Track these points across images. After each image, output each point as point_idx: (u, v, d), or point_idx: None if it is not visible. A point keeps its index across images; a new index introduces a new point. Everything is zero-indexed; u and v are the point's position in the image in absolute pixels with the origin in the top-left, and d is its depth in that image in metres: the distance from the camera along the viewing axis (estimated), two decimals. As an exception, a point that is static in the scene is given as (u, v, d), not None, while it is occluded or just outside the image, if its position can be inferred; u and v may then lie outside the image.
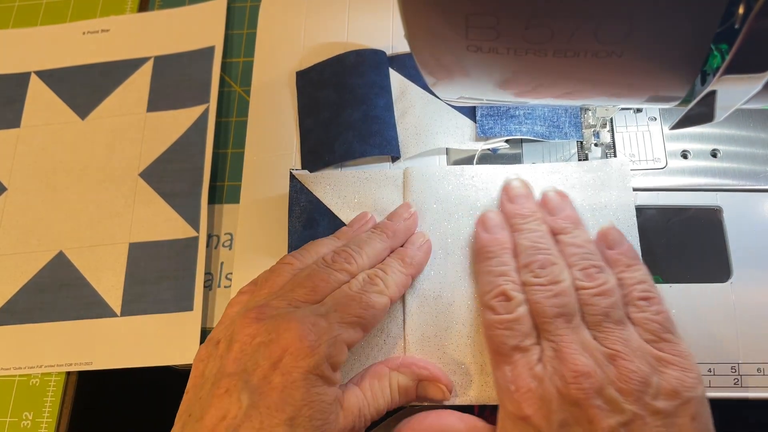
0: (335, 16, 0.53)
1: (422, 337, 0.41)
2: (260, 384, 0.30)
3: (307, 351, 0.31)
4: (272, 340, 0.32)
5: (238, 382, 0.31)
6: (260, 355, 0.31)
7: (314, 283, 0.36)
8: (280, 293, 0.36)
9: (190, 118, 0.55)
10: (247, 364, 0.31)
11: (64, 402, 0.48)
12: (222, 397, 0.31)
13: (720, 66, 0.27)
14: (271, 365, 0.31)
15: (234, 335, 0.33)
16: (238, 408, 0.30)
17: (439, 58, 0.31)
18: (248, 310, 0.34)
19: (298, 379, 0.30)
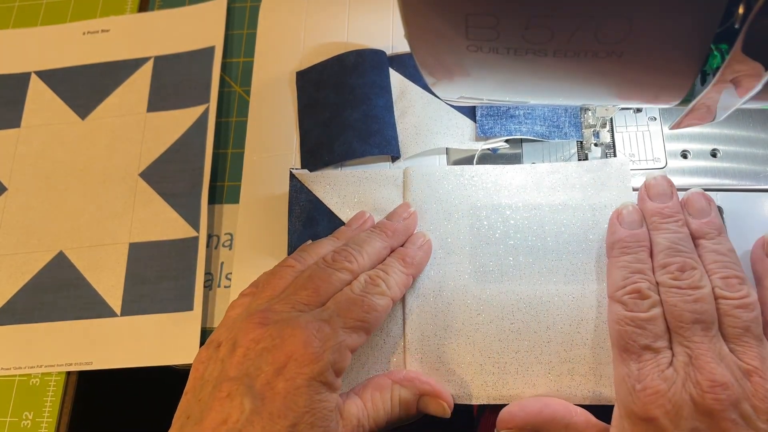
0: (335, 16, 0.53)
1: (422, 336, 0.41)
2: (263, 389, 0.30)
3: (312, 357, 0.31)
4: (276, 346, 0.31)
5: (240, 386, 0.31)
6: (264, 361, 0.31)
7: (316, 285, 0.36)
8: (282, 296, 0.35)
9: (190, 118, 0.55)
10: (249, 369, 0.31)
11: (64, 402, 0.48)
12: (223, 401, 0.31)
13: (720, 66, 0.27)
14: (275, 371, 0.31)
15: (237, 339, 0.33)
16: (240, 412, 0.30)
17: (439, 58, 0.31)
18: (251, 314, 0.34)
19: (302, 386, 0.31)
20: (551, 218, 0.43)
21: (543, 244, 0.42)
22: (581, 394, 0.39)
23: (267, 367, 0.31)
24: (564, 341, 0.40)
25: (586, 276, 0.41)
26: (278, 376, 0.31)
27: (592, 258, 0.42)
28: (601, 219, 0.42)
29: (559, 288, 0.41)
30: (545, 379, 0.39)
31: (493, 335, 0.40)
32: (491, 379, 0.39)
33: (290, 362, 0.31)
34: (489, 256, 0.42)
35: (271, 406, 0.30)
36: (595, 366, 0.39)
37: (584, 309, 0.40)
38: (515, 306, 0.41)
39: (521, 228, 0.43)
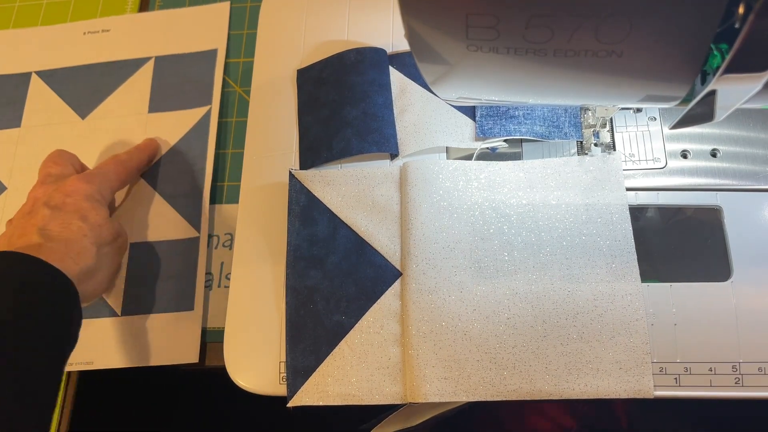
0: (336, 16, 0.53)
1: (418, 332, 0.41)
2: (58, 205, 0.44)
3: (87, 185, 0.46)
4: (60, 187, 0.45)
5: (39, 204, 0.44)
6: (55, 192, 0.45)
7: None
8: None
9: (192, 119, 0.55)
10: (45, 199, 0.44)
11: (64, 402, 0.48)
12: (28, 216, 0.44)
13: (720, 66, 0.27)
14: (64, 195, 0.45)
15: (29, 197, 0.46)
16: (42, 216, 0.43)
17: (439, 58, 0.31)
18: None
19: (84, 200, 0.45)
20: (545, 214, 0.43)
21: (538, 240, 0.42)
22: (579, 388, 0.39)
23: (57, 195, 0.45)
24: (560, 335, 0.40)
25: (581, 270, 0.41)
26: (67, 197, 0.44)
27: (586, 253, 0.42)
28: (595, 214, 0.43)
29: (554, 283, 0.41)
30: (543, 373, 0.39)
31: (490, 331, 0.40)
32: (489, 375, 0.40)
33: (73, 191, 0.45)
34: (484, 252, 0.42)
35: (64, 210, 0.44)
36: (593, 359, 0.39)
37: (579, 303, 0.41)
38: (511, 301, 0.41)
39: (516, 224, 0.43)
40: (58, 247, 0.41)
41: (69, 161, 0.49)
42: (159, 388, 0.60)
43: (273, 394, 0.42)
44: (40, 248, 0.40)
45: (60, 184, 0.46)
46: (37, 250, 0.40)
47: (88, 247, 0.43)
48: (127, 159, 0.51)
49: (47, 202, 0.44)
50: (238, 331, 0.45)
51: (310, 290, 0.43)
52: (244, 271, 0.46)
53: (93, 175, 0.47)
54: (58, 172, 0.48)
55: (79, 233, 0.43)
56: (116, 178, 0.49)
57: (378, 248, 0.44)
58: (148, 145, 0.53)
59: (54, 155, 0.49)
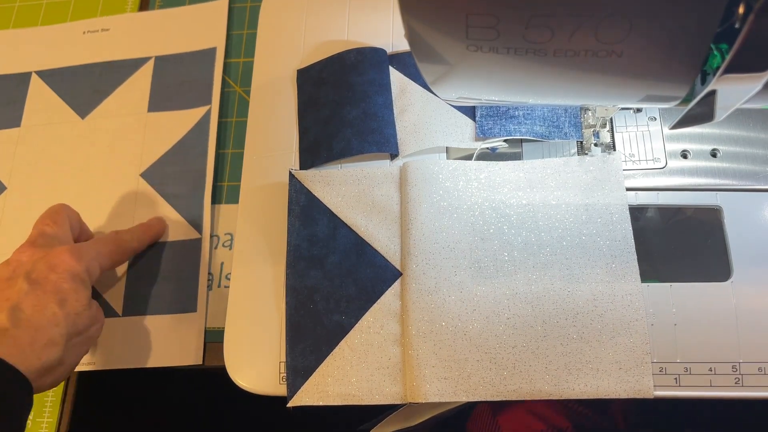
0: (336, 16, 0.53)
1: (418, 332, 0.41)
2: (38, 279, 0.41)
3: (74, 263, 0.42)
4: (47, 256, 0.42)
5: (19, 277, 0.41)
6: (39, 263, 0.41)
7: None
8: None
9: (192, 119, 0.55)
10: (27, 269, 0.41)
11: (65, 402, 0.48)
12: (4, 287, 0.41)
13: (720, 66, 0.27)
14: (48, 268, 0.41)
15: (11, 260, 0.43)
16: (19, 291, 0.40)
17: (439, 58, 0.31)
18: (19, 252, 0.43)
19: (68, 279, 0.41)
20: (545, 214, 0.43)
21: (537, 240, 0.42)
22: (579, 388, 0.39)
23: (41, 266, 0.41)
24: (560, 335, 0.40)
25: (581, 270, 0.41)
26: (50, 272, 0.41)
27: (586, 253, 0.42)
28: (595, 214, 0.43)
29: (554, 283, 0.41)
30: (543, 374, 0.39)
31: (490, 331, 0.40)
32: (489, 375, 0.40)
33: (59, 265, 0.41)
34: (484, 252, 0.42)
35: (44, 288, 0.40)
36: (592, 359, 0.39)
37: (579, 303, 0.41)
38: (511, 301, 0.41)
39: (516, 224, 0.43)
40: (25, 336, 0.38)
41: (67, 220, 0.46)
42: (159, 388, 0.60)
43: (273, 394, 0.42)
44: (4, 334, 0.38)
45: (48, 252, 0.42)
46: (1, 334, 0.38)
47: (56, 340, 0.39)
48: (128, 240, 0.48)
49: (28, 274, 0.41)
50: (238, 331, 0.45)
51: (310, 290, 0.43)
52: (244, 271, 0.46)
53: (85, 251, 0.44)
54: (52, 233, 0.45)
55: (52, 321, 0.39)
56: (109, 258, 0.46)
57: (378, 248, 0.44)
58: (153, 226, 0.50)
59: (53, 211, 0.46)
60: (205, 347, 0.48)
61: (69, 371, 0.42)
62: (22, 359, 0.37)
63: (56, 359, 0.39)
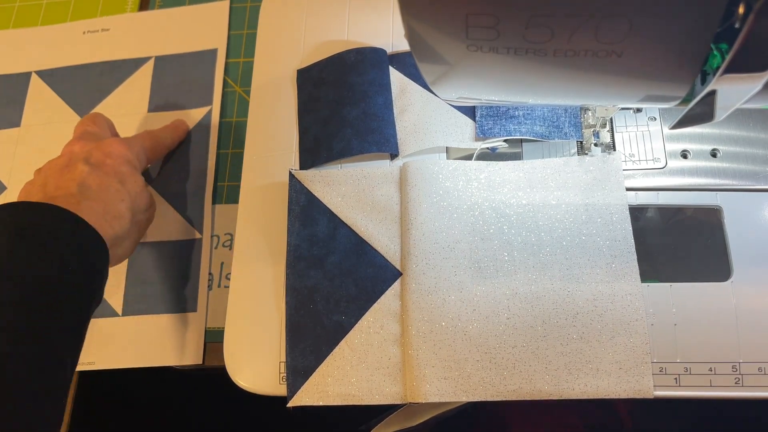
0: (336, 16, 0.53)
1: (418, 332, 0.41)
2: (96, 163, 0.43)
3: (126, 150, 0.45)
4: (100, 146, 0.44)
5: (78, 160, 0.43)
6: (94, 150, 0.44)
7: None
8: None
9: (192, 119, 0.55)
10: (84, 154, 0.43)
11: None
12: (65, 170, 0.42)
13: (720, 66, 0.27)
14: (103, 155, 0.44)
15: (64, 152, 0.45)
16: (81, 171, 0.42)
17: (439, 58, 0.31)
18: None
19: (123, 163, 0.44)
20: (545, 214, 0.43)
21: (537, 240, 0.42)
22: (579, 388, 0.39)
23: (97, 153, 0.44)
24: (560, 335, 0.40)
25: (581, 270, 0.41)
26: (107, 158, 0.43)
27: (586, 253, 0.42)
28: (595, 214, 0.43)
29: (554, 283, 0.41)
30: (543, 374, 0.39)
31: (490, 331, 0.40)
32: (488, 375, 0.40)
33: (113, 152, 0.44)
34: (484, 252, 0.42)
35: (103, 170, 0.43)
36: (592, 359, 0.39)
37: (579, 303, 0.41)
38: (511, 301, 0.41)
39: (516, 224, 0.43)
40: (97, 207, 0.40)
41: (107, 124, 0.49)
42: (159, 388, 0.60)
43: (273, 394, 0.42)
44: (79, 205, 0.39)
45: (100, 143, 0.45)
46: (76, 205, 0.39)
47: (123, 213, 0.42)
48: (164, 137, 0.51)
49: (86, 158, 0.43)
50: (238, 331, 0.45)
51: (310, 290, 0.43)
52: (244, 271, 0.46)
53: (132, 141, 0.47)
54: (96, 131, 0.47)
55: (117, 197, 0.42)
56: (152, 151, 0.49)
57: (378, 248, 0.44)
58: (178, 126, 0.53)
59: (92, 116, 0.49)
60: (205, 347, 0.48)
61: (132, 248, 0.45)
62: (98, 226, 0.39)
63: (125, 231, 0.42)
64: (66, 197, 0.40)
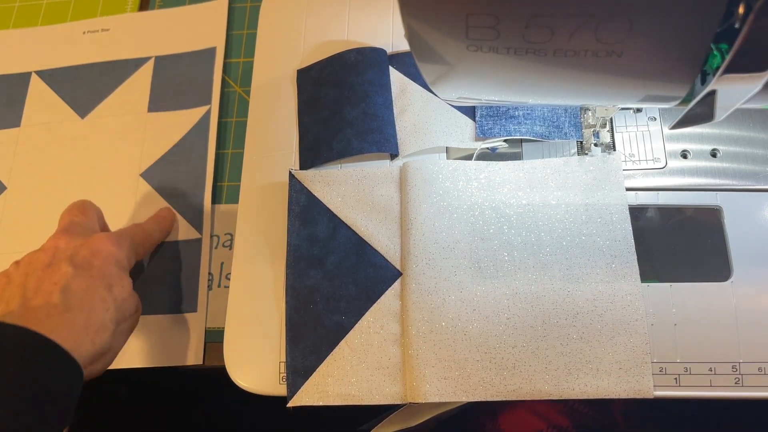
0: (335, 16, 0.53)
1: (418, 333, 0.41)
2: (83, 264, 0.40)
3: (115, 249, 0.42)
4: (87, 243, 0.41)
5: (62, 261, 0.39)
6: (81, 248, 0.41)
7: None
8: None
9: (191, 119, 0.55)
10: (69, 254, 0.40)
11: (65, 401, 0.48)
12: (47, 271, 0.39)
13: (720, 66, 0.27)
14: (90, 254, 0.40)
15: (46, 247, 0.41)
16: (64, 274, 0.38)
17: (439, 58, 0.31)
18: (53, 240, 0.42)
19: (112, 264, 0.41)
20: (545, 214, 0.43)
21: (537, 240, 0.42)
22: (579, 388, 0.39)
23: (84, 251, 0.40)
24: (560, 335, 0.40)
25: (581, 270, 0.41)
26: (94, 258, 0.40)
27: (586, 253, 0.42)
28: (595, 214, 0.43)
29: (554, 283, 0.41)
30: (543, 374, 0.39)
31: (489, 331, 0.40)
32: (488, 375, 0.40)
33: (101, 251, 0.41)
34: (484, 252, 0.42)
35: (90, 273, 0.39)
36: (592, 359, 0.39)
37: (579, 303, 0.41)
38: (511, 301, 0.41)
39: (516, 224, 0.43)
40: (78, 320, 0.37)
41: (95, 213, 0.46)
42: (159, 388, 0.59)
43: (273, 394, 0.42)
44: (60, 317, 0.36)
45: (88, 239, 0.41)
46: (57, 318, 0.36)
47: (107, 325, 0.39)
48: (152, 230, 0.48)
49: (71, 258, 0.40)
50: (238, 331, 0.45)
51: (310, 290, 0.43)
52: (244, 271, 0.46)
53: (122, 237, 0.43)
54: (83, 222, 0.44)
55: (102, 306, 0.39)
56: (142, 247, 0.46)
57: (378, 248, 0.44)
58: (165, 217, 0.50)
59: (80, 204, 0.46)
60: (205, 347, 0.48)
61: (113, 358, 0.41)
62: (77, 344, 0.36)
63: (107, 344, 0.39)
64: (46, 308, 0.37)
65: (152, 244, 0.48)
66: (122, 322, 0.41)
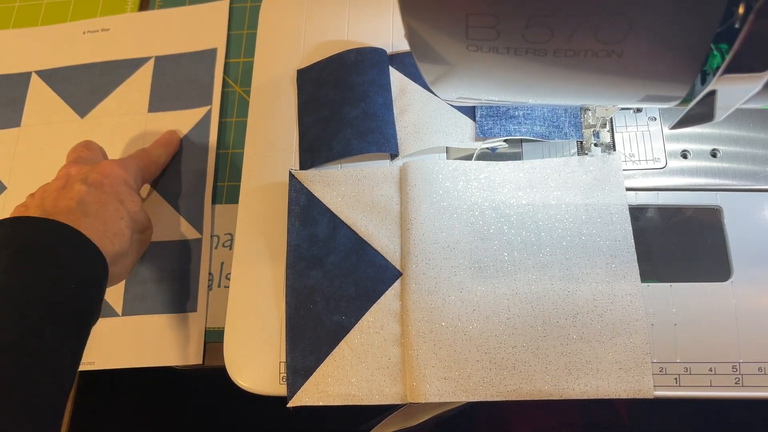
0: (336, 16, 0.53)
1: (418, 333, 0.41)
2: (93, 183, 0.43)
3: (122, 170, 0.45)
4: (96, 168, 0.45)
5: (75, 180, 0.43)
6: (91, 171, 0.44)
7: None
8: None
9: (192, 119, 0.55)
10: (81, 176, 0.43)
11: (65, 401, 0.48)
12: (63, 190, 0.42)
13: (720, 66, 0.27)
14: (101, 175, 0.44)
15: (60, 174, 0.45)
16: (78, 191, 0.42)
17: (439, 58, 0.31)
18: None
19: (121, 183, 0.44)
20: (545, 214, 0.43)
21: (537, 240, 0.42)
22: (579, 388, 0.39)
23: (94, 174, 0.44)
24: (560, 335, 0.40)
25: (581, 270, 0.41)
26: (104, 178, 0.44)
27: (586, 253, 0.42)
28: (595, 214, 0.43)
29: (554, 282, 0.41)
30: (543, 374, 0.39)
31: (490, 331, 0.40)
32: (488, 375, 0.40)
33: (110, 173, 0.44)
34: (484, 252, 0.42)
35: (101, 189, 0.43)
36: (592, 359, 0.39)
37: (579, 303, 0.41)
38: (511, 301, 0.41)
39: (516, 224, 0.43)
40: (96, 224, 0.40)
41: (99, 150, 0.49)
42: (159, 388, 0.59)
43: (273, 394, 0.42)
44: (79, 221, 0.39)
45: (96, 165, 0.45)
46: (76, 222, 0.39)
47: (123, 230, 0.42)
48: (155, 154, 0.51)
49: (84, 179, 0.43)
50: (238, 331, 0.45)
51: (310, 290, 0.43)
52: (244, 271, 0.46)
53: (128, 162, 0.47)
54: (89, 156, 0.47)
55: (117, 214, 0.42)
56: (147, 171, 0.49)
57: (378, 248, 0.44)
58: (170, 140, 0.53)
59: (85, 142, 0.49)
60: (205, 347, 0.48)
61: (131, 267, 0.44)
62: (99, 243, 0.39)
63: (125, 248, 0.42)
64: (66, 213, 0.40)
65: (158, 167, 0.51)
66: (136, 232, 0.44)
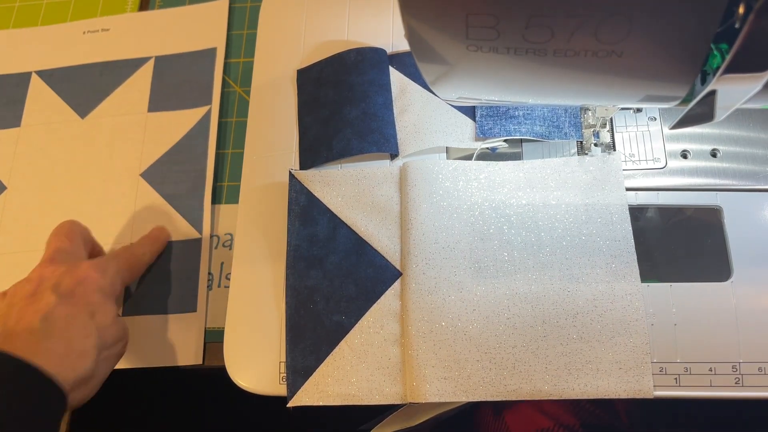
0: (336, 16, 0.53)
1: (418, 332, 0.41)
2: (66, 292, 0.40)
3: (100, 276, 0.42)
4: (72, 270, 0.42)
5: (46, 290, 0.40)
6: (65, 277, 0.41)
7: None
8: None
9: (192, 119, 0.55)
10: (53, 283, 0.41)
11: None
12: (31, 300, 0.40)
13: (720, 66, 0.27)
14: (75, 282, 0.41)
15: (31, 277, 0.42)
16: (47, 304, 0.39)
17: (439, 58, 0.31)
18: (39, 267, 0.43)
19: (95, 291, 0.41)
20: (545, 214, 0.43)
21: (537, 240, 0.42)
22: (579, 388, 0.39)
23: (68, 280, 0.41)
24: (560, 335, 0.40)
25: (581, 270, 0.41)
26: (77, 286, 0.41)
27: (586, 253, 0.42)
28: (595, 214, 0.43)
29: (554, 283, 0.41)
30: (543, 373, 0.39)
31: (490, 331, 0.40)
32: (488, 375, 0.40)
33: (85, 279, 0.41)
34: (484, 252, 0.42)
35: (72, 301, 0.40)
36: (592, 359, 0.39)
37: (579, 303, 0.41)
38: (511, 301, 0.41)
39: (516, 224, 0.43)
40: (58, 347, 0.37)
41: (81, 236, 0.46)
42: (159, 388, 0.59)
43: (273, 394, 0.42)
44: (38, 345, 0.37)
45: (72, 267, 0.42)
46: (35, 345, 0.37)
47: (89, 351, 0.39)
48: (141, 253, 0.48)
49: (55, 287, 0.40)
50: (238, 331, 0.45)
51: (310, 290, 0.43)
52: (244, 271, 0.46)
53: (107, 264, 0.44)
54: (69, 249, 0.44)
55: (83, 332, 0.39)
56: (129, 273, 0.46)
57: (378, 248, 0.44)
58: (160, 237, 0.50)
59: (65, 227, 0.45)
60: (205, 347, 0.48)
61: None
62: (58, 371, 0.36)
63: (89, 371, 0.38)
64: (26, 334, 0.37)
65: (142, 266, 0.48)
66: (104, 350, 0.40)
